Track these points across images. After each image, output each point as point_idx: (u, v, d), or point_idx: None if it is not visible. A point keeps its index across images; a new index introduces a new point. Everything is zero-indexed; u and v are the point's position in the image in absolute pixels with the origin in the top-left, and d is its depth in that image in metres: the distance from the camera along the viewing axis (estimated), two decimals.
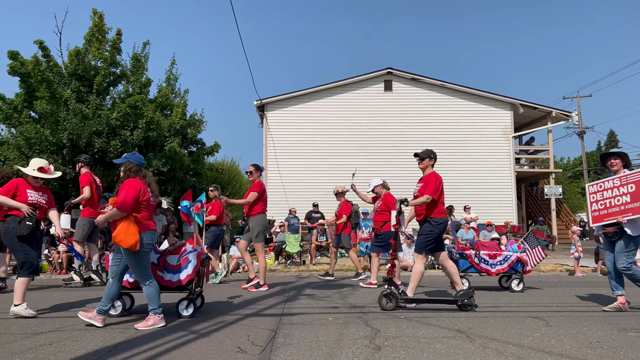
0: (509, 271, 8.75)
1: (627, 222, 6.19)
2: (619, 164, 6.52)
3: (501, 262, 8.74)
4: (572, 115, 20.75)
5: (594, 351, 4.49)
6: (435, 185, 6.60)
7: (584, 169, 34.99)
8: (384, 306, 6.37)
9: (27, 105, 12.79)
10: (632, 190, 6.20)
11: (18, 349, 4.50)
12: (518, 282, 8.65)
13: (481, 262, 8.74)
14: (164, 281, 5.94)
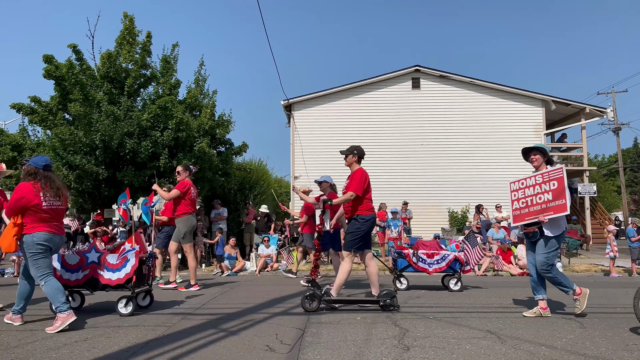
0: (447, 270, 8.62)
1: (548, 221, 5.84)
2: (539, 160, 6.11)
3: (439, 261, 8.61)
4: (607, 111, 20.13)
5: (630, 354, 4.35)
6: (359, 181, 6.35)
7: (619, 167, 33.96)
8: (306, 308, 6.17)
9: (61, 108, 13.13)
10: (554, 188, 5.83)
11: (54, 345, 4.63)
12: (456, 281, 8.47)
13: (419, 261, 8.65)
14: (104, 279, 6.14)
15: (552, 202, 5.83)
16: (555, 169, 5.97)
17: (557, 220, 5.86)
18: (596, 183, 21.63)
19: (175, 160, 12.95)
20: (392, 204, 15.85)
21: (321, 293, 6.27)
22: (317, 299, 6.21)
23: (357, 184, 6.35)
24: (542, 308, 6.01)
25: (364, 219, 6.40)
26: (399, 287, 8.51)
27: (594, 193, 18.88)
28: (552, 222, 5.86)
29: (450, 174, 18.62)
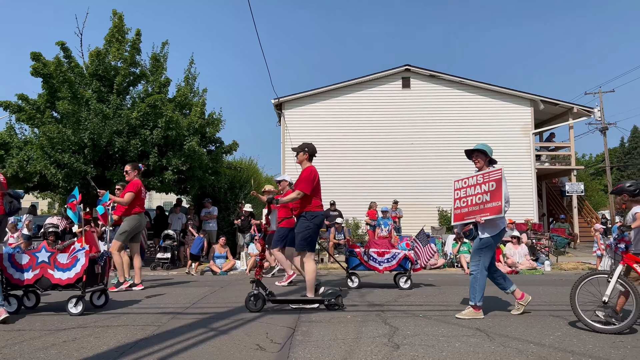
0: (397, 268, 8.70)
1: (484, 222, 5.79)
2: (481, 161, 6.10)
3: (389, 259, 8.67)
4: (594, 111, 20.33)
5: (617, 351, 4.41)
6: (308, 180, 6.31)
7: (606, 166, 34.34)
8: (250, 308, 6.14)
9: (49, 106, 13.00)
10: (492, 189, 5.79)
11: (42, 345, 4.60)
12: (405, 279, 8.52)
13: (370, 259, 8.70)
14: (54, 279, 6.14)
15: (489, 203, 5.79)
16: (494, 170, 5.93)
17: (493, 220, 5.80)
18: (583, 182, 21.82)
19: (165, 158, 12.89)
20: (382, 203, 15.91)
21: (266, 293, 6.23)
22: (262, 299, 6.16)
23: (305, 183, 6.30)
24: (518, 299, 6.00)
25: (313, 215, 6.36)
26: (351, 286, 8.55)
27: (582, 192, 19.07)
28: (489, 223, 5.81)
29: (440, 172, 18.70)
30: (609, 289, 5.15)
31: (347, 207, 17.24)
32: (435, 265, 12.52)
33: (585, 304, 5.32)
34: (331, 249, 13.83)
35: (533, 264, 12.24)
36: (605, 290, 5.17)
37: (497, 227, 5.82)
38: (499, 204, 5.68)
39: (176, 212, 14.80)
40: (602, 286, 5.27)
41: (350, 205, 17.64)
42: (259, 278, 6.27)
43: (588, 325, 5.15)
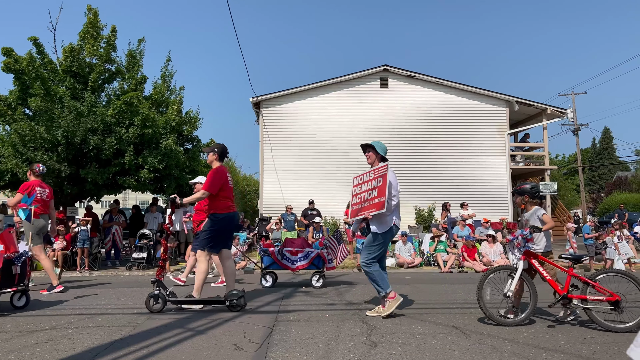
0: (310, 267, 8.83)
1: (373, 217, 5.79)
2: (372, 157, 6.08)
3: (301, 258, 8.82)
4: (567, 112, 20.76)
5: (588, 347, 4.52)
6: (213, 180, 6.32)
7: (578, 166, 35.10)
8: (150, 308, 6.08)
9: (21, 102, 12.70)
10: (379, 184, 5.79)
11: (14, 347, 4.49)
12: (318, 277, 8.66)
13: (283, 258, 8.82)
14: None
15: (376, 198, 5.78)
16: (381, 166, 5.93)
17: (382, 216, 5.77)
18: (557, 182, 22.28)
19: (141, 157, 12.71)
20: None
21: (167, 293, 6.18)
22: (163, 300, 6.12)
23: (211, 183, 6.29)
24: (390, 298, 5.83)
25: (217, 217, 6.34)
26: (265, 285, 8.61)
27: (555, 191, 19.46)
28: (377, 218, 5.79)
29: (417, 172, 18.87)
30: (513, 284, 5.43)
31: (326, 206, 17.27)
32: (413, 264, 12.64)
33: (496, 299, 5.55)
34: None
35: (508, 262, 12.44)
36: (507, 285, 5.44)
37: (386, 224, 5.79)
38: (383, 199, 5.66)
39: (152, 211, 14.60)
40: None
41: (329, 204, 17.67)
42: (160, 278, 6.20)
43: (493, 319, 5.37)
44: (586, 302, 5.33)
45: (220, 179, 6.33)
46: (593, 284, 5.32)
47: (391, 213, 5.79)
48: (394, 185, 5.82)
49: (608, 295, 5.27)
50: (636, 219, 21.84)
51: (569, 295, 5.40)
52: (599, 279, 5.40)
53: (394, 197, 5.78)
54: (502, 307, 5.58)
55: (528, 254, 5.60)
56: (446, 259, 12.36)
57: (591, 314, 5.30)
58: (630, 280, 5.27)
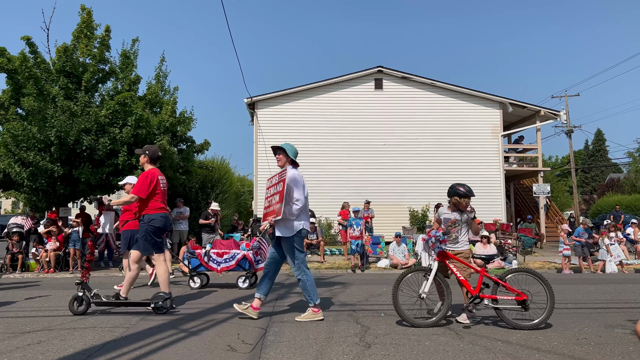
0: (236, 268, 8.89)
1: (278, 222, 5.68)
2: (282, 160, 5.90)
3: (227, 260, 8.86)
4: (560, 114, 20.89)
5: (580, 347, 4.54)
6: (143, 183, 6.33)
7: (571, 168, 35.28)
8: (74, 311, 6.02)
9: (14, 102, 12.61)
10: (279, 189, 5.69)
11: (6, 349, 4.46)
12: (244, 279, 8.72)
13: (209, 260, 8.87)
14: None
15: (277, 203, 5.67)
16: (283, 170, 5.83)
17: (287, 221, 5.66)
18: (550, 183, 22.38)
19: (135, 158, 12.66)
20: (355, 203, 15.97)
21: (91, 295, 6.15)
22: (87, 302, 6.10)
23: (140, 186, 6.33)
24: (253, 306, 5.75)
25: (150, 218, 6.36)
26: (193, 287, 8.61)
27: (548, 193, 19.56)
28: (282, 223, 5.67)
29: (411, 173, 18.91)
30: (426, 285, 5.47)
31: (320, 207, 17.27)
32: (406, 265, 12.66)
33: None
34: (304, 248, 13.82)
35: (501, 263, 12.48)
36: (422, 286, 5.47)
37: (292, 228, 5.68)
38: (280, 206, 5.58)
39: None
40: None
41: (323, 206, 17.67)
42: (85, 280, 6.17)
43: (408, 321, 5.38)
44: (496, 301, 5.43)
45: (151, 183, 6.36)
46: (503, 284, 5.44)
47: (295, 217, 5.66)
48: (298, 189, 5.67)
49: (516, 295, 5.40)
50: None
51: (481, 295, 5.47)
52: (508, 278, 5.52)
53: (298, 202, 5.63)
54: (415, 308, 5.63)
55: (442, 255, 5.65)
56: None
57: (501, 313, 5.42)
58: (537, 278, 5.45)
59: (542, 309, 5.36)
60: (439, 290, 5.66)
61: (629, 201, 34.67)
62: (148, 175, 6.36)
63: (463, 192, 5.76)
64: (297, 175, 5.73)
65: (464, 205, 5.78)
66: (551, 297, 5.39)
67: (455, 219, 5.83)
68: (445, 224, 5.88)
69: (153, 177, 6.38)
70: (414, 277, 5.61)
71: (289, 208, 5.63)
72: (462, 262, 5.63)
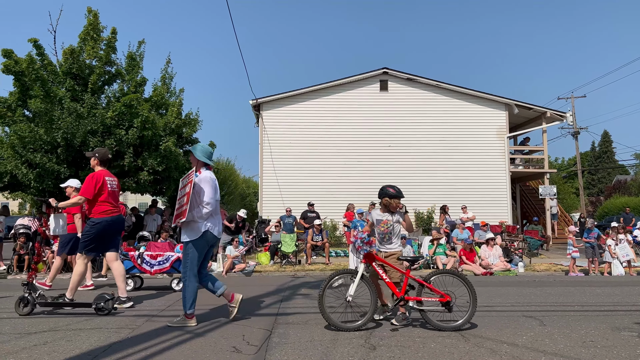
0: (170, 270, 8.86)
1: (183, 225, 5.62)
2: (194, 161, 5.87)
3: (161, 262, 8.83)
4: (567, 115, 20.79)
5: (587, 350, 4.51)
6: (89, 185, 6.37)
7: (578, 169, 35.15)
8: (19, 312, 6.04)
9: (21, 104, 12.71)
10: (187, 192, 5.62)
11: (12, 349, 4.48)
12: (178, 281, 8.70)
13: (143, 262, 8.83)
14: None
15: (184, 205, 5.62)
16: (190, 172, 5.80)
17: (192, 224, 5.60)
18: (556, 185, 22.28)
19: (140, 159, 12.71)
20: (360, 205, 15.96)
21: (36, 296, 6.15)
22: (32, 303, 6.09)
23: (86, 188, 6.38)
24: (229, 301, 5.83)
25: (94, 221, 6.40)
26: (127, 288, 8.56)
27: (554, 195, 19.47)
28: (187, 225, 5.62)
29: (416, 175, 18.87)
30: (352, 287, 5.45)
31: (325, 209, 17.26)
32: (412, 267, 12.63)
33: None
34: (309, 251, 13.82)
35: (507, 266, 12.44)
36: (350, 289, 5.44)
37: (196, 231, 5.59)
38: (185, 208, 5.55)
39: (151, 213, 14.60)
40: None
41: (328, 207, 17.66)
42: (31, 281, 6.20)
43: (334, 324, 5.35)
44: (421, 303, 5.44)
45: (97, 184, 6.40)
46: (428, 286, 5.46)
47: (204, 220, 5.60)
48: (207, 191, 5.60)
49: (440, 296, 5.42)
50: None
51: (406, 297, 5.47)
52: (432, 280, 5.54)
53: (208, 205, 5.55)
54: (339, 310, 5.60)
55: (368, 257, 5.66)
56: (445, 262, 12.35)
57: (425, 315, 5.43)
58: (460, 280, 5.47)
59: (465, 311, 5.38)
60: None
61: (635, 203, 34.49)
62: (94, 177, 6.45)
63: (393, 193, 5.82)
64: (207, 177, 5.66)
65: (394, 206, 5.84)
66: (474, 298, 5.44)
67: (387, 219, 5.86)
68: (377, 225, 5.92)
69: (99, 178, 6.47)
70: (343, 280, 5.64)
71: (197, 210, 5.56)
72: (388, 264, 5.68)
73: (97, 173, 6.51)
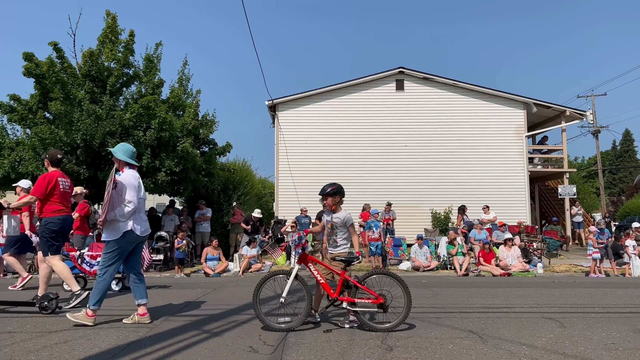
0: None
1: (105, 224, 5.60)
2: (116, 162, 5.86)
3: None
4: (587, 114, 20.45)
5: (609, 353, 4.43)
6: (40, 185, 6.39)
7: (598, 169, 34.60)
8: None
9: (41, 106, 12.91)
10: (108, 190, 5.53)
11: (33, 347, 4.56)
12: (117, 281, 8.73)
13: (83, 262, 8.80)
14: None
15: (105, 205, 5.58)
16: (111, 171, 5.77)
17: (113, 223, 5.59)
18: (576, 185, 21.94)
19: (158, 160, 12.84)
20: (376, 205, 15.92)
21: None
22: None
23: (37, 187, 6.42)
24: (139, 314, 5.73)
25: (46, 221, 6.45)
26: (65, 289, 8.44)
27: (574, 195, 19.18)
28: (109, 224, 5.60)
29: (433, 175, 18.75)
30: (286, 288, 5.42)
31: None
32: (429, 268, 12.55)
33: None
34: (325, 251, 13.78)
35: (526, 266, 12.29)
36: (284, 291, 5.42)
37: (117, 231, 5.59)
38: (105, 208, 5.55)
39: (169, 213, 14.74)
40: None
41: (344, 207, 17.60)
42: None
43: (268, 325, 5.33)
44: (354, 304, 5.38)
45: (49, 185, 6.48)
46: (362, 287, 5.41)
47: (126, 219, 5.59)
48: (130, 190, 5.59)
49: (374, 298, 5.36)
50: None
51: (340, 298, 5.42)
52: (368, 280, 5.49)
53: (130, 204, 5.56)
54: (276, 312, 5.60)
55: (302, 258, 5.65)
56: (462, 262, 12.25)
57: (359, 316, 5.38)
58: (395, 281, 5.43)
59: (399, 313, 5.34)
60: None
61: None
62: (46, 177, 6.54)
63: (322, 191, 5.91)
64: (130, 176, 5.69)
65: (329, 204, 5.87)
66: (408, 299, 5.38)
67: (327, 220, 5.88)
68: (326, 225, 5.94)
69: (51, 178, 6.55)
70: (277, 281, 5.62)
71: (120, 209, 5.57)
72: (323, 265, 5.70)
73: (50, 174, 6.64)
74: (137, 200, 5.66)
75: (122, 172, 5.76)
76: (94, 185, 13.02)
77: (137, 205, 5.64)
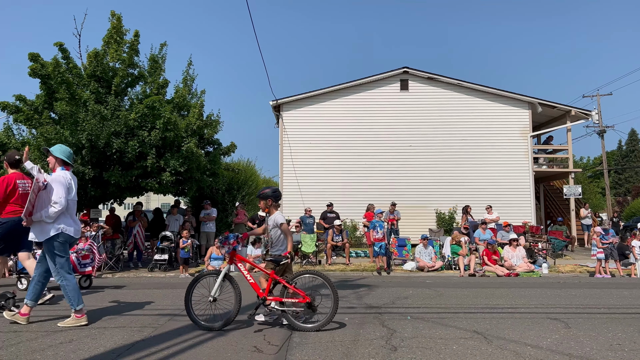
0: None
1: (32, 225, 5.55)
2: (52, 161, 5.86)
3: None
4: (592, 113, 20.35)
5: (614, 353, 4.41)
6: (0, 187, 6.52)
7: (604, 169, 34.43)
8: None
9: (47, 107, 12.95)
10: (33, 189, 5.50)
11: (39, 347, 4.58)
12: (85, 279, 8.93)
13: (80, 264, 8.99)
14: None
15: (30, 204, 5.51)
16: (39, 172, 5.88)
17: (41, 224, 5.55)
18: (581, 185, 21.84)
19: (163, 160, 12.86)
20: (380, 205, 15.92)
21: None
22: None
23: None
24: (22, 313, 5.65)
25: (1, 222, 6.51)
26: (20, 288, 8.59)
27: (579, 195, 19.10)
28: (38, 225, 5.56)
29: (437, 175, 18.72)
30: (215, 287, 5.49)
31: (346, 209, 17.24)
32: (433, 268, 12.53)
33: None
34: (329, 251, 13.81)
35: (531, 267, 12.25)
36: (213, 289, 5.47)
37: (45, 233, 5.55)
38: (29, 208, 5.51)
39: (173, 213, 14.77)
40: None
41: (349, 207, 17.64)
42: None
43: (198, 324, 5.38)
44: (282, 304, 5.41)
45: (7, 186, 6.59)
46: (290, 287, 5.44)
47: (54, 220, 5.55)
48: (58, 190, 5.56)
49: (301, 297, 5.39)
50: None
51: (268, 298, 5.46)
52: (297, 280, 5.52)
53: (56, 204, 5.49)
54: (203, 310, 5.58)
55: (231, 258, 5.75)
56: (466, 262, 12.22)
57: (286, 316, 5.42)
58: (324, 280, 5.50)
59: (326, 313, 5.38)
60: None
61: None
62: (5, 179, 6.67)
63: (259, 194, 5.99)
64: (60, 176, 5.68)
65: (262, 207, 5.95)
66: (335, 299, 5.44)
67: (268, 223, 5.93)
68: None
69: (10, 180, 6.68)
70: (208, 280, 5.67)
71: (45, 210, 5.54)
72: (252, 264, 5.79)
73: (9, 176, 6.75)
74: (66, 202, 5.61)
75: (54, 172, 5.77)
76: (99, 185, 13.06)
77: (64, 206, 5.58)
